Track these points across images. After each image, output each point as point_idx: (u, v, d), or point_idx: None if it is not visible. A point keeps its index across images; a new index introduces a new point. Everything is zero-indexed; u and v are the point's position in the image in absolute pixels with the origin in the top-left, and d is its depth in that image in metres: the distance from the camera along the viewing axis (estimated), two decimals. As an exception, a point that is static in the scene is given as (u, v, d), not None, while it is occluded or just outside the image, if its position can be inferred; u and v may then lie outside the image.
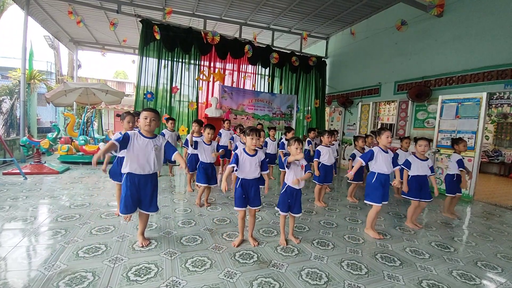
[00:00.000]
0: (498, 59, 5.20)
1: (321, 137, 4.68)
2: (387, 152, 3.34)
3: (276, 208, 3.08)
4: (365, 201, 3.40)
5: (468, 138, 5.51)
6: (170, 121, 5.83)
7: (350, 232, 3.44)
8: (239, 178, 2.85)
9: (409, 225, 3.79)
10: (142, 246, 2.68)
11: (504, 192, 6.62)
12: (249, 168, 2.80)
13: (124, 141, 2.47)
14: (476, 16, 5.61)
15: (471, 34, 5.67)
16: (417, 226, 3.78)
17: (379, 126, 8.09)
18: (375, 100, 8.02)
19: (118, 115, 3.71)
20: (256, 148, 2.89)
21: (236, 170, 2.82)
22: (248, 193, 2.85)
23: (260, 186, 4.01)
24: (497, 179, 8.83)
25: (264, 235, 3.19)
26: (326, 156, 4.48)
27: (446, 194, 4.33)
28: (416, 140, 3.79)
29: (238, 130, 5.98)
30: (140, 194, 2.61)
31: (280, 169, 5.91)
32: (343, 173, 8.29)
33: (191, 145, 4.13)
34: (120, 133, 3.46)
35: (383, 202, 3.31)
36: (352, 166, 4.89)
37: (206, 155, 4.02)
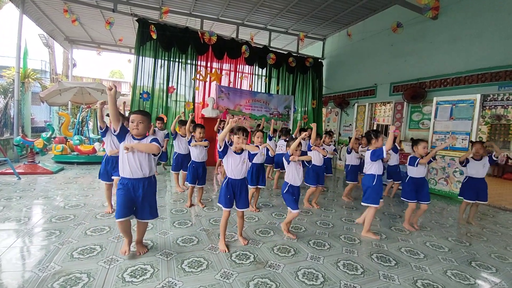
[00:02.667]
0: (492, 61, 5.27)
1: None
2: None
3: (289, 208, 3.11)
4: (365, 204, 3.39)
5: (462, 139, 5.58)
6: (158, 121, 5.80)
7: (346, 233, 3.46)
8: (226, 177, 2.81)
9: (406, 226, 3.77)
10: (139, 254, 2.55)
11: (497, 193, 6.71)
12: (235, 167, 2.72)
13: (123, 129, 2.37)
14: (471, 19, 5.68)
15: (466, 36, 5.74)
16: (414, 227, 3.74)
17: (375, 127, 8.15)
18: (371, 101, 8.08)
19: (108, 115, 3.71)
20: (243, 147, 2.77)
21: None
22: (235, 194, 2.79)
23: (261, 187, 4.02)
24: (491, 180, 8.93)
25: (260, 235, 3.19)
26: (317, 158, 4.48)
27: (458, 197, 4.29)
28: (416, 141, 3.68)
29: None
30: (134, 200, 2.42)
31: (274, 169, 5.89)
32: (339, 173, 8.33)
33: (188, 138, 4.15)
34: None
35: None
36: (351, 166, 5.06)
37: (197, 154, 4.02)
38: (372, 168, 3.31)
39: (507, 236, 3.71)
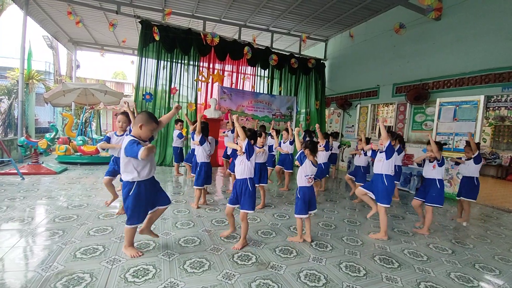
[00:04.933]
0: (496, 62, 5.24)
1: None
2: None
3: (295, 215, 3.08)
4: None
5: (466, 141, 5.54)
6: (179, 123, 6.35)
7: (348, 234, 3.45)
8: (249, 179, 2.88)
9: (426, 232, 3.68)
10: (154, 236, 2.76)
11: (501, 195, 6.65)
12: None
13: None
14: (474, 20, 5.65)
15: (469, 37, 5.71)
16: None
17: (377, 129, 8.12)
18: (374, 102, 8.05)
19: (116, 115, 3.88)
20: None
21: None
22: (238, 194, 2.91)
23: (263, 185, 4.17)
24: (495, 181, 8.87)
25: (262, 236, 3.19)
26: (319, 157, 4.51)
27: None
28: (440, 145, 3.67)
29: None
30: (155, 195, 2.59)
31: (285, 170, 5.83)
32: (341, 174, 8.31)
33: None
34: (115, 133, 3.47)
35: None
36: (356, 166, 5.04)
37: (202, 154, 4.06)
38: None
39: (511, 238, 3.68)
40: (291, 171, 5.71)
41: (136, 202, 2.39)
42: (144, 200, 2.45)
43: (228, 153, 5.52)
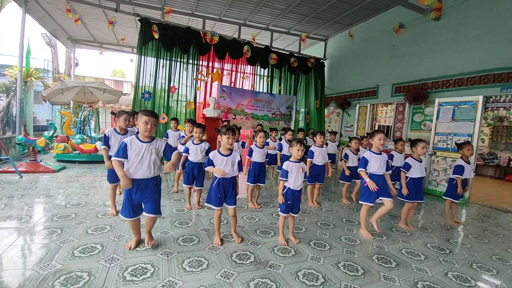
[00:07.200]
0: (495, 62, 5.25)
1: (314, 138, 4.71)
2: (380, 154, 3.37)
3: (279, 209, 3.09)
4: (360, 201, 3.47)
5: (459, 143, 5.56)
6: (173, 121, 5.68)
7: (346, 233, 3.46)
8: (215, 177, 2.86)
9: (403, 226, 3.82)
10: (148, 245, 2.67)
11: (499, 195, 6.68)
12: (225, 168, 2.81)
13: (124, 153, 2.42)
14: (473, 20, 5.66)
15: (468, 37, 5.72)
16: (412, 227, 3.79)
17: (376, 128, 8.14)
18: (373, 102, 8.06)
19: (113, 113, 3.83)
20: (231, 148, 2.90)
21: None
22: (225, 192, 2.87)
23: (261, 184, 4.06)
24: (493, 181, 8.91)
25: (261, 235, 3.20)
26: (319, 157, 4.48)
27: (443, 197, 4.23)
28: (414, 142, 3.77)
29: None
30: (142, 198, 2.54)
31: (278, 170, 5.88)
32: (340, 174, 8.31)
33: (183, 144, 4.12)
34: (115, 129, 3.44)
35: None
36: (348, 167, 5.04)
37: (193, 154, 3.90)
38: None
39: (509, 238, 3.70)
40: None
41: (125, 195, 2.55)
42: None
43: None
